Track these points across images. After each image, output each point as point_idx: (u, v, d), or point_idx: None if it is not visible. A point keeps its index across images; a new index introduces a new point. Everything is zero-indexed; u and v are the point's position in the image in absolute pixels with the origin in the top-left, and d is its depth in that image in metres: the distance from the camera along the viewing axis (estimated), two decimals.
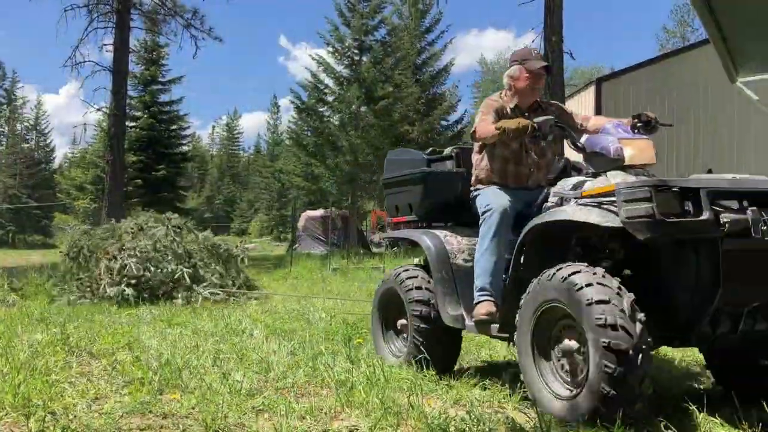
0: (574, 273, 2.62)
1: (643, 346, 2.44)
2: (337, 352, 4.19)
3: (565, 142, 3.56)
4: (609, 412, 2.42)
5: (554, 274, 2.69)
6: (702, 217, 2.46)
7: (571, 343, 2.65)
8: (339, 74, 26.14)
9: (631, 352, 2.40)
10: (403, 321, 3.85)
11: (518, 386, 3.09)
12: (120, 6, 20.29)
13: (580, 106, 16.55)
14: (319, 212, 25.23)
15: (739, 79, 5.69)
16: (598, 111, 15.41)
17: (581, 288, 2.54)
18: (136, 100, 30.52)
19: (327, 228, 23.14)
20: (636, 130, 3.21)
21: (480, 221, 3.36)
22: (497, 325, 3.21)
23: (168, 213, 9.27)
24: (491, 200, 3.35)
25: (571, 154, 3.52)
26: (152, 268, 7.89)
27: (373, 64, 25.63)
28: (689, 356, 4.28)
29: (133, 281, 7.68)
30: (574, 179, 3.15)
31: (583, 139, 3.36)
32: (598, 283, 2.54)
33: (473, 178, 3.70)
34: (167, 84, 31.98)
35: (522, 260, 3.11)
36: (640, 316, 2.49)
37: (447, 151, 4.06)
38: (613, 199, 2.63)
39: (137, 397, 3.03)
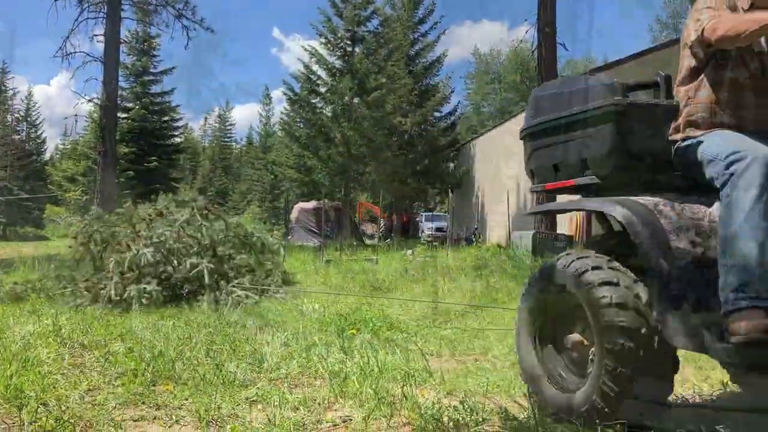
0: None
1: None
2: (331, 343, 4.18)
3: None
4: None
5: None
6: None
7: None
8: (332, 65, 26.12)
9: None
10: (575, 338, 2.49)
11: (512, 377, 3.10)
12: None
13: None
14: (312, 204, 25.20)
15: None
16: None
17: None
18: (127, 91, 30.49)
19: (320, 220, 23.12)
20: None
21: (721, 180, 2.14)
22: None
23: (193, 195, 8.08)
24: (734, 146, 2.14)
25: None
26: (174, 261, 6.71)
27: (366, 56, 25.63)
28: None
29: (152, 279, 6.43)
30: None
31: None
32: None
33: (681, 120, 2.46)
34: (159, 75, 31.93)
35: None
36: None
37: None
38: None
39: (130, 388, 3.02)
